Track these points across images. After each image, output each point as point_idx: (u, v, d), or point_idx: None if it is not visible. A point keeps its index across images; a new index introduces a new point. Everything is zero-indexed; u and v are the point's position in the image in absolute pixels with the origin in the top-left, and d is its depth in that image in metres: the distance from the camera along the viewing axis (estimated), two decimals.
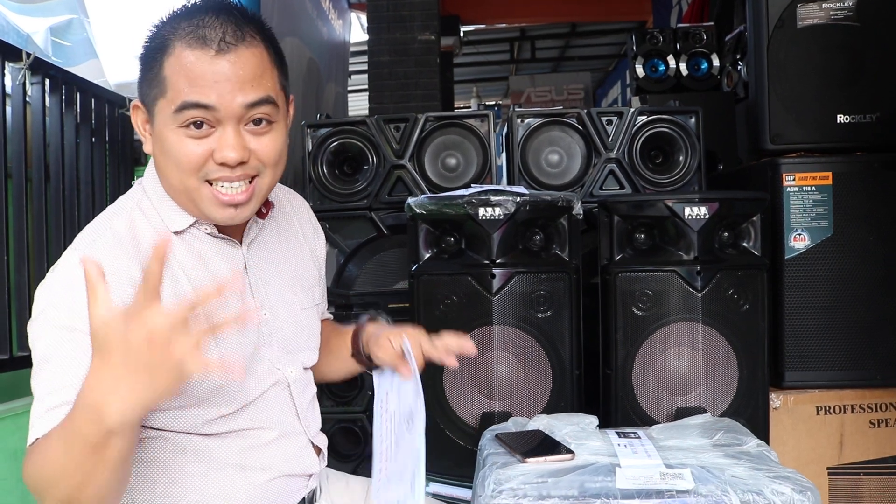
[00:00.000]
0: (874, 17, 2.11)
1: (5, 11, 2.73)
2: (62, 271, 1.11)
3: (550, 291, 1.80)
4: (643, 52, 3.07)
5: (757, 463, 1.32)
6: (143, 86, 1.16)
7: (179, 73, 1.11)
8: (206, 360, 0.90)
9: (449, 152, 2.23)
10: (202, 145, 1.13)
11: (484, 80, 10.97)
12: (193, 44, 1.11)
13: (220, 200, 1.15)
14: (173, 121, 1.12)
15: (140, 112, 1.19)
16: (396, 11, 5.32)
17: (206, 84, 1.10)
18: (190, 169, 1.13)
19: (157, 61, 1.13)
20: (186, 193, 1.16)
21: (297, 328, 1.34)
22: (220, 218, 1.18)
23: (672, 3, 6.93)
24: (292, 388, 1.31)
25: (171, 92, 1.11)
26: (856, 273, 2.05)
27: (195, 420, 1.17)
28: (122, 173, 2.78)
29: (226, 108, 1.11)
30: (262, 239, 1.31)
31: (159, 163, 1.18)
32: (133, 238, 1.15)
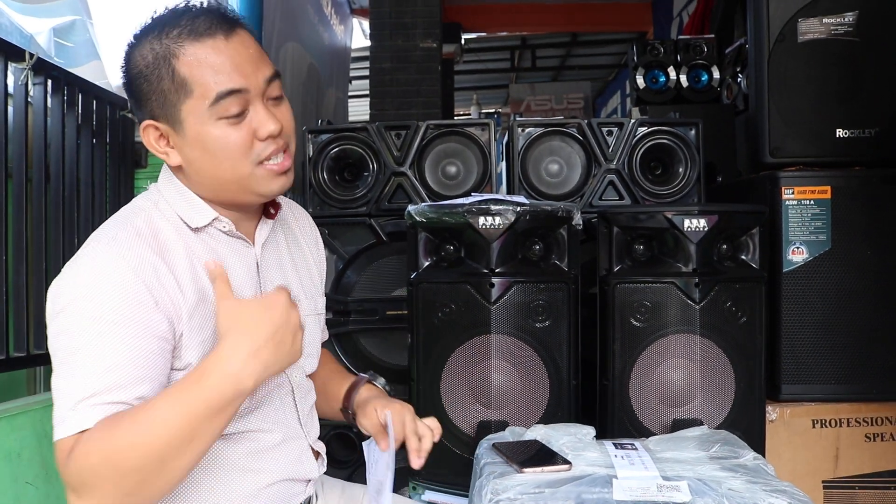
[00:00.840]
0: (874, 32, 2.12)
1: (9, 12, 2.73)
2: (86, 265, 1.12)
3: (549, 301, 1.80)
4: (644, 63, 3.08)
5: (753, 476, 1.32)
6: (150, 103, 1.17)
7: (200, 67, 1.13)
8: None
9: (449, 160, 2.24)
10: (242, 130, 1.16)
11: (484, 88, 10.99)
12: (201, 36, 1.14)
13: (273, 172, 1.20)
14: (210, 115, 1.14)
15: (152, 130, 1.19)
16: (399, 18, 5.33)
17: (231, 69, 1.14)
18: (241, 154, 1.17)
19: (164, 70, 1.14)
20: (240, 182, 1.19)
21: None
22: (276, 189, 1.22)
23: (673, 14, 6.96)
24: (295, 392, 1.33)
25: (199, 88, 1.14)
26: (853, 287, 2.06)
27: None
28: (122, 175, 2.77)
29: (254, 87, 1.16)
30: (271, 242, 1.34)
31: (202, 164, 1.19)
32: (152, 233, 1.17)
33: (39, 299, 2.26)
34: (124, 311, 1.07)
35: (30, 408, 2.11)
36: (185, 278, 1.16)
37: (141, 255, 1.12)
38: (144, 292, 1.09)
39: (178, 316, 1.13)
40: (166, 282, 1.13)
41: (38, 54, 2.24)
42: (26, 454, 2.06)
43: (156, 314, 1.10)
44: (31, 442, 2.09)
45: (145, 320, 1.09)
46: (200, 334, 1.16)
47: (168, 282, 1.13)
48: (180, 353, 1.14)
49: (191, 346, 1.14)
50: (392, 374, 2.19)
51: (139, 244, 1.14)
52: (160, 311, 1.11)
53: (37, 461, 2.10)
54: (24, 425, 2.08)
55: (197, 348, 1.15)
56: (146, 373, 1.08)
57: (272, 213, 1.33)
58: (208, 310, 1.17)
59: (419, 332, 1.84)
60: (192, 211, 1.22)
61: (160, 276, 1.12)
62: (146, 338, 1.09)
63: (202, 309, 1.16)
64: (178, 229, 1.21)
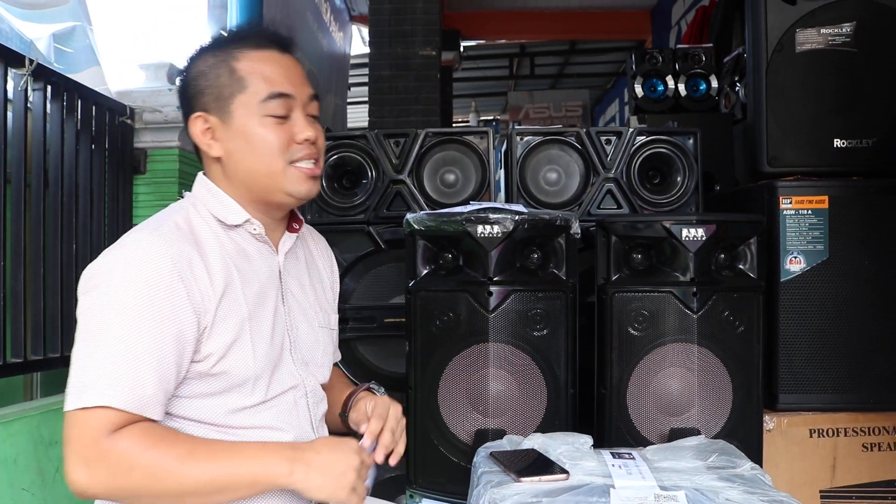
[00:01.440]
0: (872, 43, 2.13)
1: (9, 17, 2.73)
2: (129, 249, 1.21)
3: (547, 310, 1.80)
4: (642, 72, 3.08)
5: (751, 486, 1.32)
6: (203, 95, 1.32)
7: (257, 69, 1.30)
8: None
9: (448, 168, 2.24)
10: (284, 132, 1.31)
11: (483, 95, 11.00)
12: (261, 45, 1.33)
13: (304, 174, 1.34)
14: (259, 111, 1.30)
15: (201, 122, 1.33)
16: (398, 26, 5.34)
17: (283, 77, 1.32)
18: (279, 151, 1.31)
19: (223, 69, 1.31)
20: (272, 177, 1.32)
21: (314, 343, 1.45)
22: (303, 191, 1.34)
23: (671, 23, 6.98)
24: (309, 397, 1.40)
25: (253, 86, 1.30)
26: (851, 297, 2.06)
27: (220, 409, 1.26)
28: (121, 181, 2.78)
29: (299, 96, 1.34)
30: (293, 254, 1.45)
31: (241, 156, 1.32)
32: (190, 229, 1.28)
33: (37, 305, 2.27)
34: (156, 299, 1.17)
35: (26, 414, 2.11)
36: (217, 270, 1.26)
37: (180, 249, 1.22)
38: (178, 283, 1.19)
39: (205, 309, 1.22)
40: (199, 275, 1.23)
41: (37, 60, 2.25)
42: (22, 460, 2.06)
43: (186, 306, 1.19)
44: (28, 448, 2.09)
45: (173, 310, 1.18)
46: (224, 324, 1.24)
47: (201, 275, 1.23)
48: (201, 346, 1.22)
49: (213, 336, 1.23)
50: (390, 381, 2.18)
51: (179, 238, 1.24)
52: (190, 304, 1.20)
53: (33, 467, 2.10)
54: (21, 431, 2.07)
55: (219, 337, 1.24)
56: (165, 359, 1.17)
57: (295, 228, 1.45)
58: (233, 302, 1.26)
59: (417, 340, 1.84)
60: (227, 211, 1.34)
61: (195, 270, 1.22)
62: (171, 327, 1.17)
63: (228, 299, 1.26)
64: (212, 227, 1.32)
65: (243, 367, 1.26)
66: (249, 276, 1.31)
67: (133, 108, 2.85)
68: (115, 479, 1.11)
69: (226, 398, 1.26)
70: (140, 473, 1.11)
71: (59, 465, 2.20)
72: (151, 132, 2.92)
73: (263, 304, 1.32)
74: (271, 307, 1.34)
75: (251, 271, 1.32)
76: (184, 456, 1.14)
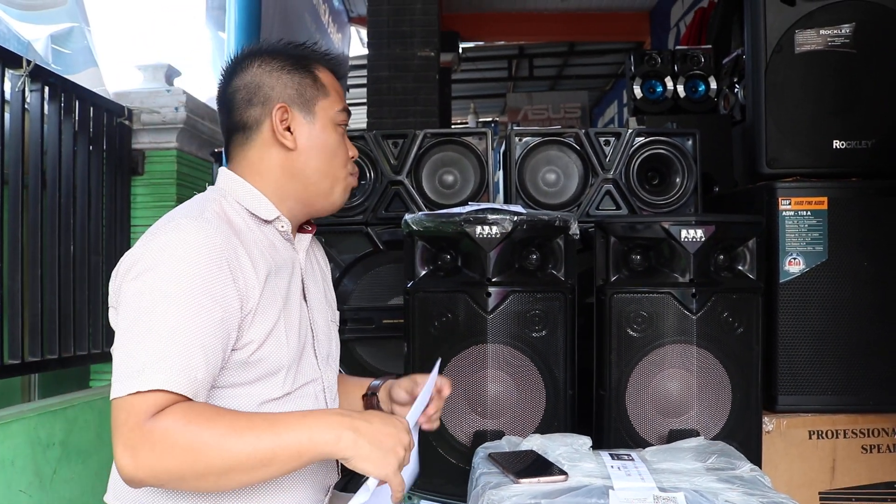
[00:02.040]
0: (871, 44, 2.13)
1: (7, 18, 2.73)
2: (176, 235, 1.20)
3: (545, 311, 1.80)
4: (641, 73, 3.08)
5: (750, 488, 1.31)
6: (288, 90, 1.38)
7: (332, 82, 1.43)
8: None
9: (446, 169, 2.24)
10: (345, 144, 1.44)
11: (481, 97, 11.00)
12: (331, 65, 1.45)
13: (350, 186, 1.46)
14: (335, 118, 1.41)
15: (282, 111, 1.37)
16: (397, 27, 5.34)
17: (343, 98, 1.45)
18: (344, 161, 1.42)
19: (305, 72, 1.40)
20: (333, 181, 1.41)
21: (328, 338, 1.49)
22: (341, 200, 1.45)
23: (670, 24, 6.99)
24: (327, 392, 1.43)
25: (333, 95, 1.41)
26: (850, 298, 2.06)
27: (250, 399, 1.26)
28: (118, 182, 2.77)
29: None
30: (309, 253, 1.49)
31: (315, 153, 1.39)
32: (227, 219, 1.30)
33: (34, 307, 2.26)
34: (205, 283, 1.17)
35: (24, 415, 2.11)
36: (258, 258, 1.28)
37: (225, 235, 1.24)
38: (225, 268, 1.20)
39: (249, 295, 1.23)
40: (244, 261, 1.25)
41: (35, 61, 2.25)
42: (20, 462, 2.05)
43: (232, 292, 1.20)
44: (25, 450, 2.08)
45: (221, 295, 1.18)
46: (266, 313, 1.26)
47: (245, 261, 1.25)
48: (242, 333, 1.23)
49: (255, 323, 1.24)
50: None
51: (222, 224, 1.26)
52: (236, 290, 1.21)
53: (30, 469, 2.09)
54: (18, 433, 2.07)
55: (260, 325, 1.25)
56: (213, 344, 1.17)
57: (307, 230, 1.48)
58: (273, 291, 1.29)
59: (415, 341, 1.83)
60: (260, 206, 1.36)
61: (239, 256, 1.24)
62: (218, 312, 1.17)
63: (269, 287, 1.28)
64: (246, 220, 1.34)
65: (278, 355, 1.28)
66: (281, 268, 1.34)
67: (131, 109, 2.85)
68: (160, 461, 1.08)
69: (257, 388, 1.27)
70: (181, 450, 1.08)
71: (56, 467, 2.19)
72: (149, 133, 2.92)
73: (291, 297, 1.35)
74: (297, 301, 1.37)
75: (282, 265, 1.35)
76: (224, 429, 1.11)
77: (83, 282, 2.49)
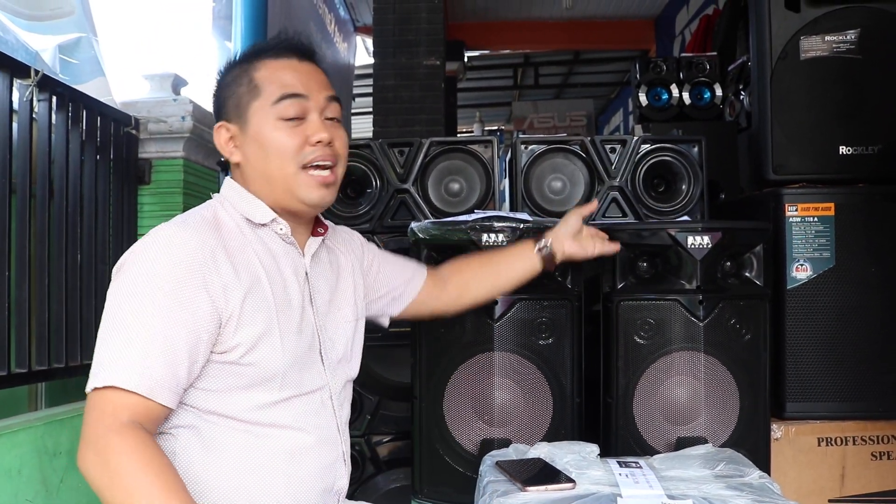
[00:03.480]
0: (876, 50, 2.13)
1: (14, 28, 2.75)
2: (153, 239, 1.25)
3: (552, 318, 1.80)
4: (646, 81, 3.08)
5: (759, 495, 1.31)
6: (226, 105, 1.37)
7: (273, 76, 1.34)
8: None
9: (452, 177, 2.24)
10: (297, 135, 1.33)
11: (487, 105, 11.01)
12: (281, 54, 1.36)
13: (315, 182, 1.34)
14: (271, 114, 1.32)
15: (224, 130, 1.37)
16: (402, 36, 5.35)
17: (298, 80, 1.34)
18: (290, 154, 1.33)
19: (244, 79, 1.35)
20: (285, 181, 1.34)
21: (345, 340, 1.47)
22: (315, 198, 1.35)
23: (675, 32, 6.99)
24: (334, 399, 1.41)
25: (267, 91, 1.33)
26: (858, 304, 2.05)
27: (246, 404, 1.27)
28: (125, 191, 2.78)
29: (314, 98, 1.35)
30: (319, 256, 1.46)
31: (256, 161, 1.35)
32: (216, 223, 1.32)
33: (41, 315, 2.26)
34: (171, 287, 1.20)
35: (30, 424, 2.10)
36: (242, 264, 1.29)
37: (203, 239, 1.25)
38: (196, 272, 1.22)
39: (226, 301, 1.24)
40: (223, 266, 1.25)
41: (43, 71, 2.25)
42: (26, 471, 2.05)
43: (202, 297, 1.21)
44: (32, 459, 2.08)
45: (188, 300, 1.20)
46: (252, 316, 1.27)
47: (224, 266, 1.25)
48: (227, 337, 1.24)
49: (242, 326, 1.25)
50: (395, 391, 2.18)
51: (204, 229, 1.28)
52: (207, 295, 1.22)
53: (37, 478, 2.09)
54: (25, 442, 2.07)
55: (247, 328, 1.26)
56: (175, 346, 1.19)
57: (319, 232, 1.46)
58: (260, 296, 1.29)
59: (422, 349, 1.83)
60: (254, 210, 1.36)
61: (217, 260, 1.25)
62: (183, 316, 1.20)
63: (255, 293, 1.28)
64: (240, 225, 1.35)
65: (272, 360, 1.28)
66: (275, 274, 1.33)
67: (138, 119, 2.86)
68: (102, 478, 1.12)
69: (253, 393, 1.27)
70: (109, 474, 1.12)
71: (63, 476, 2.19)
72: (156, 142, 2.93)
73: (290, 303, 1.34)
74: (298, 306, 1.36)
75: (277, 270, 1.34)
76: (142, 484, 1.11)
77: (90, 291, 2.50)
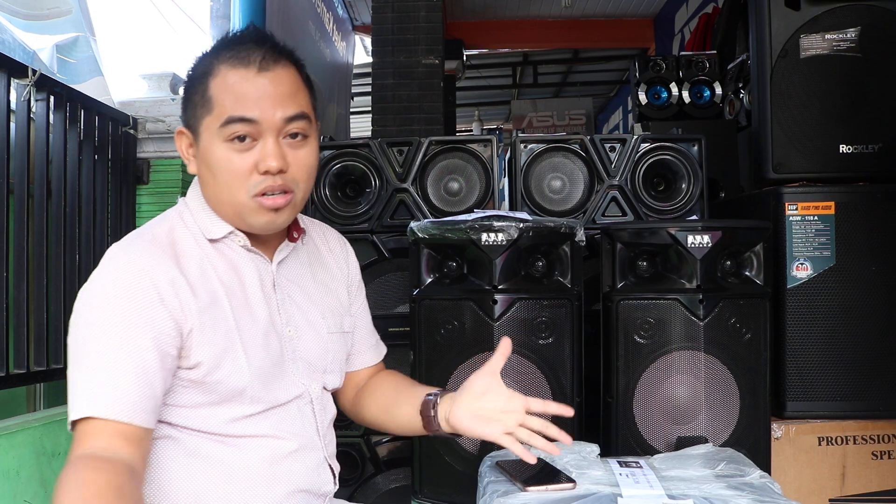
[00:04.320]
0: (876, 48, 2.13)
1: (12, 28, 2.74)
2: (102, 267, 1.21)
3: (552, 318, 1.79)
4: (646, 79, 3.09)
5: (760, 495, 1.30)
6: (187, 111, 1.28)
7: (224, 92, 1.22)
8: None
9: (452, 176, 2.23)
10: (246, 158, 1.23)
11: (486, 104, 11.01)
12: (237, 65, 1.23)
13: (263, 207, 1.25)
14: (219, 135, 1.22)
15: (185, 137, 1.30)
16: (401, 35, 5.34)
17: (250, 100, 1.22)
18: (238, 181, 1.24)
19: (202, 85, 1.25)
20: (233, 206, 1.26)
21: (323, 350, 1.41)
22: (262, 223, 1.27)
23: (675, 30, 6.99)
24: (315, 404, 1.37)
25: (217, 109, 1.22)
26: (858, 303, 2.05)
27: (219, 418, 1.24)
28: (123, 191, 2.77)
29: (267, 121, 1.22)
30: (292, 261, 1.40)
31: (206, 179, 1.28)
32: (170, 241, 1.26)
33: (40, 316, 2.26)
34: (128, 310, 1.16)
35: (29, 425, 2.10)
36: (198, 281, 1.23)
37: (152, 258, 1.20)
38: (151, 292, 1.17)
39: (184, 315, 1.20)
40: (178, 284, 1.20)
41: (40, 71, 2.24)
42: (25, 472, 2.05)
43: (161, 312, 1.18)
44: (31, 460, 2.08)
45: (148, 318, 1.16)
46: (211, 333, 1.22)
47: (180, 284, 1.20)
48: (189, 353, 1.21)
49: (201, 344, 1.21)
50: None
51: (152, 248, 1.22)
52: (166, 310, 1.18)
53: (36, 479, 2.08)
54: (24, 443, 2.06)
55: (207, 346, 1.21)
56: (145, 367, 1.15)
57: (294, 237, 1.39)
58: (218, 313, 1.24)
59: (422, 350, 1.83)
60: (211, 224, 1.29)
61: (171, 278, 1.20)
62: (147, 334, 1.16)
63: (213, 311, 1.23)
64: (198, 239, 1.28)
65: (237, 377, 1.23)
66: (235, 287, 1.28)
67: (136, 119, 2.85)
68: (63, 494, 1.05)
69: (224, 408, 1.24)
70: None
71: None
72: (154, 142, 2.92)
73: (253, 315, 1.28)
74: (264, 318, 1.30)
75: (238, 283, 1.29)
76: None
77: None
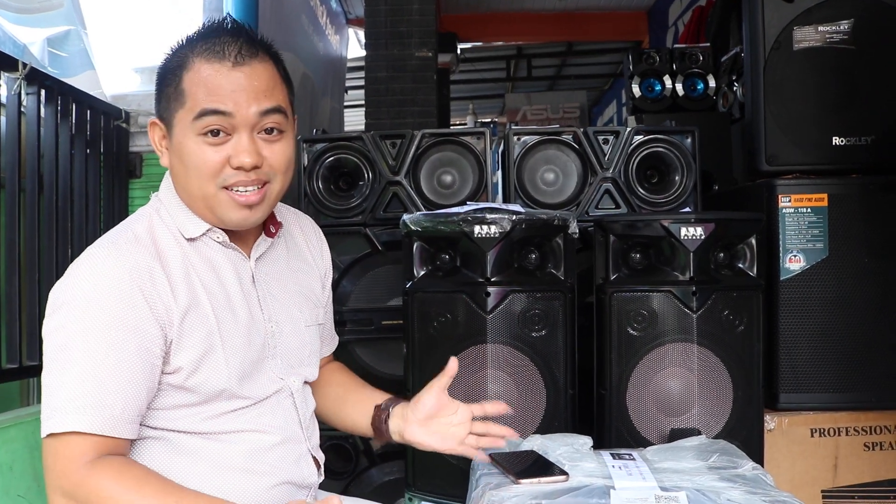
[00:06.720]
0: (869, 40, 2.12)
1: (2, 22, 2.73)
2: (85, 267, 1.18)
3: (545, 310, 1.79)
4: (640, 72, 3.08)
5: (753, 486, 1.31)
6: (160, 102, 1.25)
7: (198, 85, 1.20)
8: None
9: (445, 169, 2.22)
10: (219, 152, 1.21)
11: (480, 98, 11.00)
12: (211, 58, 1.20)
13: (235, 202, 1.23)
14: (192, 129, 1.20)
15: (157, 128, 1.28)
16: (394, 28, 5.33)
17: (224, 93, 1.19)
18: (209, 174, 1.21)
19: (175, 77, 1.22)
20: (205, 200, 1.24)
21: (301, 343, 1.40)
22: (235, 219, 1.25)
23: (668, 23, 6.98)
24: (296, 397, 1.37)
25: (190, 102, 1.20)
26: (851, 295, 2.05)
27: (200, 416, 1.23)
28: (116, 185, 2.76)
29: (241, 115, 1.20)
30: (270, 256, 1.38)
31: (178, 173, 1.26)
32: (151, 239, 1.23)
33: (32, 310, 2.25)
34: (117, 314, 1.13)
35: (21, 420, 2.09)
36: (179, 284, 1.21)
37: (137, 260, 1.18)
38: (139, 296, 1.15)
39: (169, 321, 1.18)
40: (161, 287, 1.18)
41: (31, 64, 2.23)
42: (18, 467, 2.04)
43: (148, 318, 1.16)
44: (23, 455, 2.07)
45: (136, 324, 1.14)
46: (191, 338, 1.20)
47: (163, 287, 1.18)
48: (170, 358, 1.19)
49: (181, 349, 1.19)
50: (387, 384, 2.16)
51: (137, 249, 1.20)
52: (153, 315, 1.16)
53: (29, 474, 2.08)
54: (16, 438, 2.05)
55: (187, 351, 1.20)
56: (131, 376, 1.13)
57: (272, 232, 1.37)
58: (199, 315, 1.22)
59: (415, 342, 1.82)
60: (188, 222, 1.27)
61: (156, 281, 1.18)
62: (135, 341, 1.14)
63: (194, 314, 1.21)
64: (176, 237, 1.26)
65: (217, 379, 1.22)
66: (215, 287, 1.26)
67: (128, 112, 2.84)
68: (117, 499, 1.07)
69: (206, 407, 1.23)
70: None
71: None
72: (147, 136, 2.90)
73: (235, 314, 1.27)
74: (245, 316, 1.29)
75: (217, 282, 1.27)
76: (152, 498, 1.08)
77: None
